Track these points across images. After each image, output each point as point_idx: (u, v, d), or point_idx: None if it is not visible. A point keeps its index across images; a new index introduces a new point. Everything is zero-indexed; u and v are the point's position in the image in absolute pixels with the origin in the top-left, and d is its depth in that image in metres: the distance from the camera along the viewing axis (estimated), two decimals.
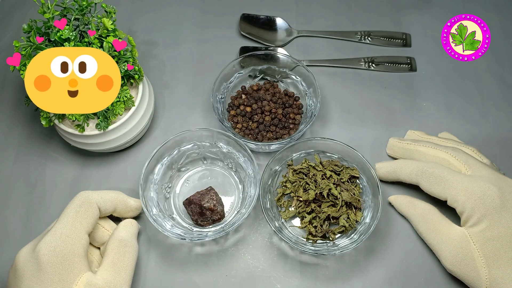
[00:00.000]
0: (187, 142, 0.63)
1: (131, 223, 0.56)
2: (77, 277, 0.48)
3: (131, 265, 0.53)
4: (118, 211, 0.57)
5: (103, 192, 0.56)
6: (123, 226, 0.56)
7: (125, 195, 0.58)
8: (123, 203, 0.57)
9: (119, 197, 0.57)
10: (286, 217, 0.60)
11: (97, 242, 0.55)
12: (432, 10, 0.79)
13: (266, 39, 0.75)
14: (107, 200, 0.55)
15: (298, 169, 0.62)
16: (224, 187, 0.64)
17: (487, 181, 0.54)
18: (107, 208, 0.55)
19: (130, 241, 0.54)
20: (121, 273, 0.51)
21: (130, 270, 0.53)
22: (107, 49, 0.57)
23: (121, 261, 0.52)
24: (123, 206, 0.57)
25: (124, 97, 0.60)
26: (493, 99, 0.71)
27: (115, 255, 0.52)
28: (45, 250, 0.48)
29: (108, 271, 0.51)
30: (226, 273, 0.59)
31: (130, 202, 0.58)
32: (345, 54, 0.75)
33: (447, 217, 0.57)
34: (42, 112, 0.60)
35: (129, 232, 0.55)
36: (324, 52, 0.75)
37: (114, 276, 0.51)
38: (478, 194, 0.53)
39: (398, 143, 0.63)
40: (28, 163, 0.66)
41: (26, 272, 0.48)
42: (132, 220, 0.57)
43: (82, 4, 0.59)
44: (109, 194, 0.56)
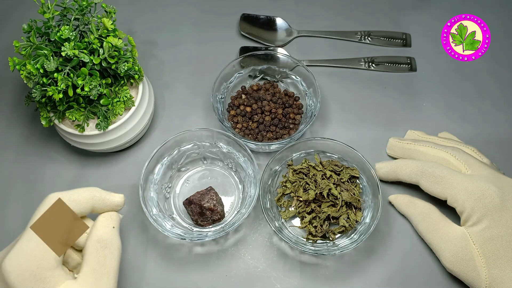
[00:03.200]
0: (187, 142, 0.63)
1: (110, 217, 0.50)
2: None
3: (113, 268, 0.47)
4: (98, 209, 0.50)
5: (75, 192, 0.48)
6: (101, 222, 0.48)
7: (102, 191, 0.50)
8: (101, 201, 0.49)
9: (95, 196, 0.49)
10: (286, 217, 0.60)
11: (76, 245, 0.49)
12: (432, 10, 0.79)
13: (266, 39, 0.75)
14: (79, 201, 0.48)
15: (298, 169, 0.62)
16: (224, 187, 0.64)
17: (487, 180, 0.54)
18: (81, 210, 0.48)
19: (110, 240, 0.48)
20: (103, 279, 0.46)
21: (113, 273, 0.47)
22: (107, 49, 0.57)
23: (102, 265, 0.46)
24: (102, 205, 0.49)
25: (124, 97, 0.60)
26: (493, 99, 0.71)
27: (94, 259, 0.47)
28: (10, 268, 0.43)
29: (88, 278, 0.46)
30: (226, 273, 0.59)
31: (110, 198, 0.50)
32: (345, 54, 0.75)
33: (447, 217, 0.57)
34: (42, 112, 0.60)
35: (108, 228, 0.48)
36: (324, 52, 0.75)
37: (95, 283, 0.46)
38: (478, 193, 0.53)
39: (398, 143, 0.64)
40: (28, 163, 0.66)
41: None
42: (112, 213, 0.50)
43: (82, 4, 0.59)
44: (82, 193, 0.49)
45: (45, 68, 0.54)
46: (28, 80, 0.56)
